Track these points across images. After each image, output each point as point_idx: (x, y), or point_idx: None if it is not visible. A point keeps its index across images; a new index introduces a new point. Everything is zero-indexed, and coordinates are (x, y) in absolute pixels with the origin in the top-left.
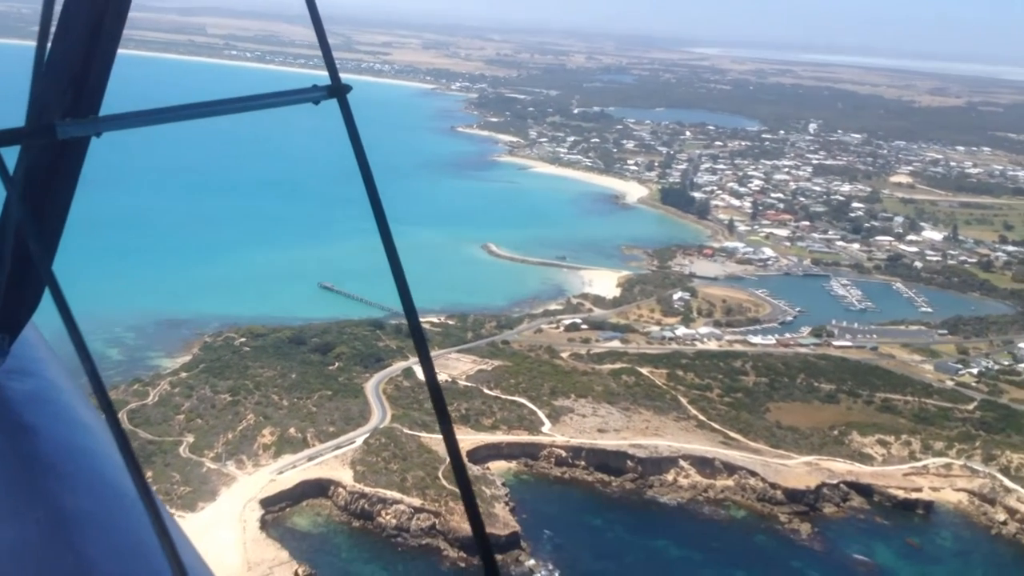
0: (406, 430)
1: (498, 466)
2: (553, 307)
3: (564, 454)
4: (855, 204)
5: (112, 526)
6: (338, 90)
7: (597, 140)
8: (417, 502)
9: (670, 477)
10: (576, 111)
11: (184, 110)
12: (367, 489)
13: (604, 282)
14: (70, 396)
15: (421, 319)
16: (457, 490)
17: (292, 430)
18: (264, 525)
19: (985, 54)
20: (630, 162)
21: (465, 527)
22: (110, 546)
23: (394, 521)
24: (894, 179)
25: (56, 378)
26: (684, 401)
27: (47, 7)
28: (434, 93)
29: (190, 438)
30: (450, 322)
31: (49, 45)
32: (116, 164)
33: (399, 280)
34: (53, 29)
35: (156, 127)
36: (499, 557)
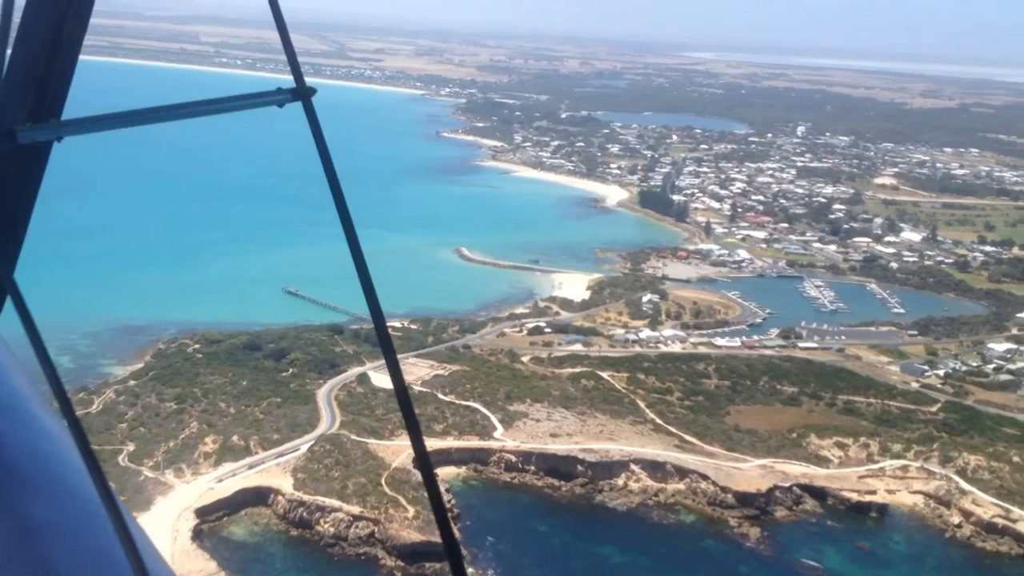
0: (353, 436)
1: (447, 472)
2: (520, 311)
3: (514, 459)
4: (836, 206)
5: (77, 534)
6: (303, 93)
7: (582, 144)
8: (356, 510)
9: (620, 481)
10: (564, 115)
11: (146, 114)
12: (306, 497)
13: (574, 285)
14: (32, 402)
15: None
16: (399, 496)
17: (235, 438)
18: (197, 535)
19: (980, 56)
20: (613, 166)
21: (404, 535)
22: (75, 554)
23: (332, 529)
24: (878, 181)
25: (18, 384)
26: (642, 405)
27: (6, 12)
28: (423, 99)
29: (131, 447)
30: (413, 326)
31: (9, 50)
32: (81, 169)
33: (365, 283)
34: (12, 34)
35: (123, 131)
36: (436, 565)
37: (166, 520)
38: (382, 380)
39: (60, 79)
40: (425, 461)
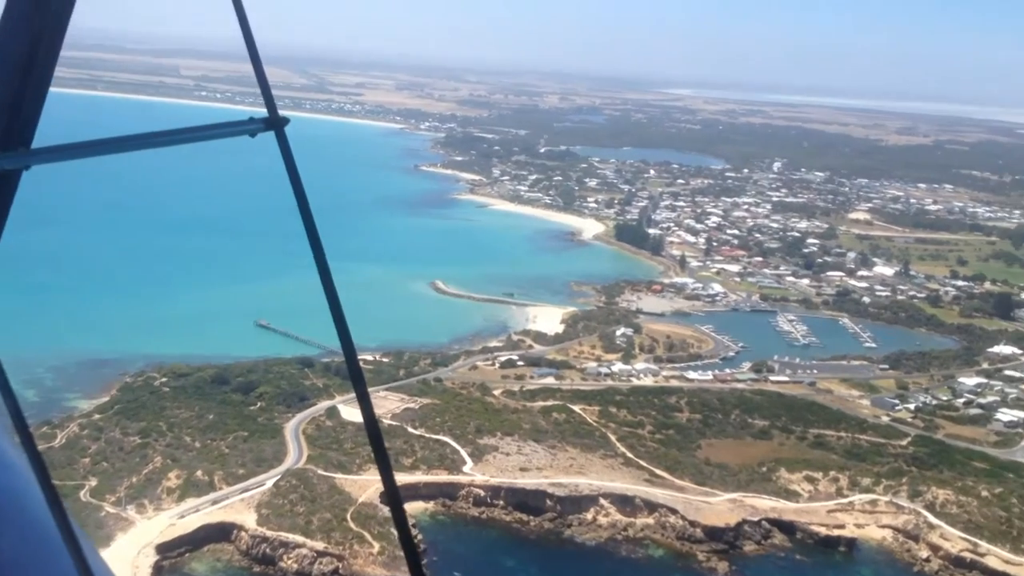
0: (320, 471)
1: (414, 507)
2: (493, 344)
3: (483, 494)
4: (810, 240)
5: (38, 568)
6: (275, 122)
7: (560, 178)
8: (320, 545)
9: (589, 516)
10: (543, 150)
11: (116, 143)
12: (269, 533)
13: (549, 319)
14: None
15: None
16: (364, 532)
17: (199, 473)
18: (158, 571)
19: (956, 93)
20: (590, 200)
21: (368, 571)
22: None
23: (295, 566)
24: (853, 216)
25: None
26: (613, 438)
27: None
28: (402, 133)
29: (93, 482)
30: (384, 360)
31: None
32: (53, 201)
33: (336, 315)
34: None
35: (93, 162)
36: None
37: (126, 556)
38: (351, 413)
39: (31, 107)
40: (394, 495)
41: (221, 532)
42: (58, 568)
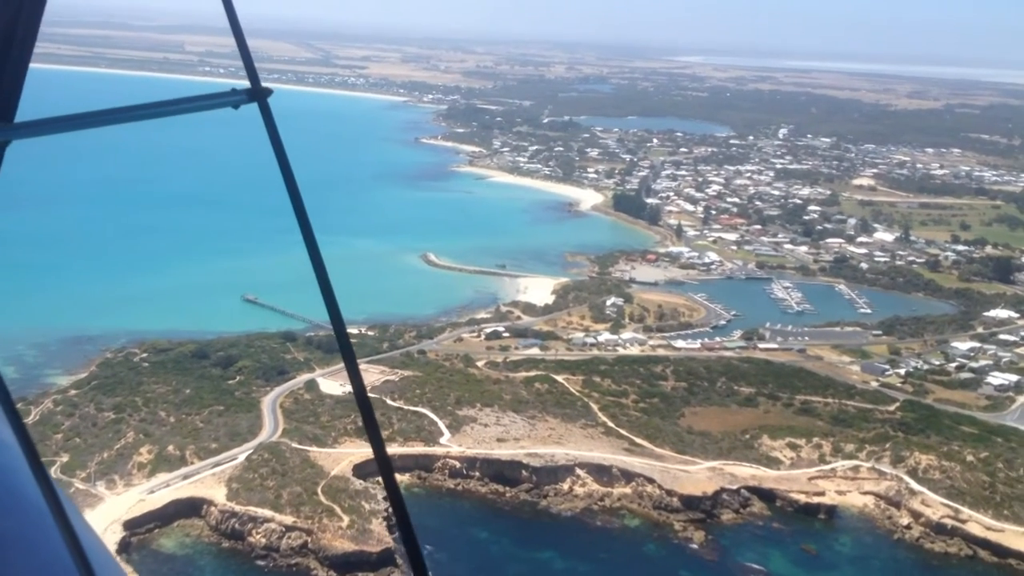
0: (294, 444)
1: None
2: (481, 315)
3: (458, 465)
4: (811, 207)
5: (30, 544)
6: (258, 93)
7: (561, 149)
8: (289, 520)
9: (566, 486)
10: (545, 120)
11: (97, 117)
12: (238, 508)
13: (539, 290)
14: None
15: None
16: (334, 506)
17: (171, 447)
18: (124, 548)
19: (967, 57)
20: (590, 170)
21: (336, 545)
22: (30, 565)
23: (264, 540)
24: (857, 182)
25: None
26: (595, 408)
27: None
28: (405, 106)
29: (64, 458)
30: (369, 333)
31: None
32: (35, 178)
33: (324, 287)
34: None
35: (81, 138)
36: (370, 575)
37: None
38: (330, 387)
39: (12, 82)
40: (386, 466)
41: (191, 507)
42: (51, 545)
